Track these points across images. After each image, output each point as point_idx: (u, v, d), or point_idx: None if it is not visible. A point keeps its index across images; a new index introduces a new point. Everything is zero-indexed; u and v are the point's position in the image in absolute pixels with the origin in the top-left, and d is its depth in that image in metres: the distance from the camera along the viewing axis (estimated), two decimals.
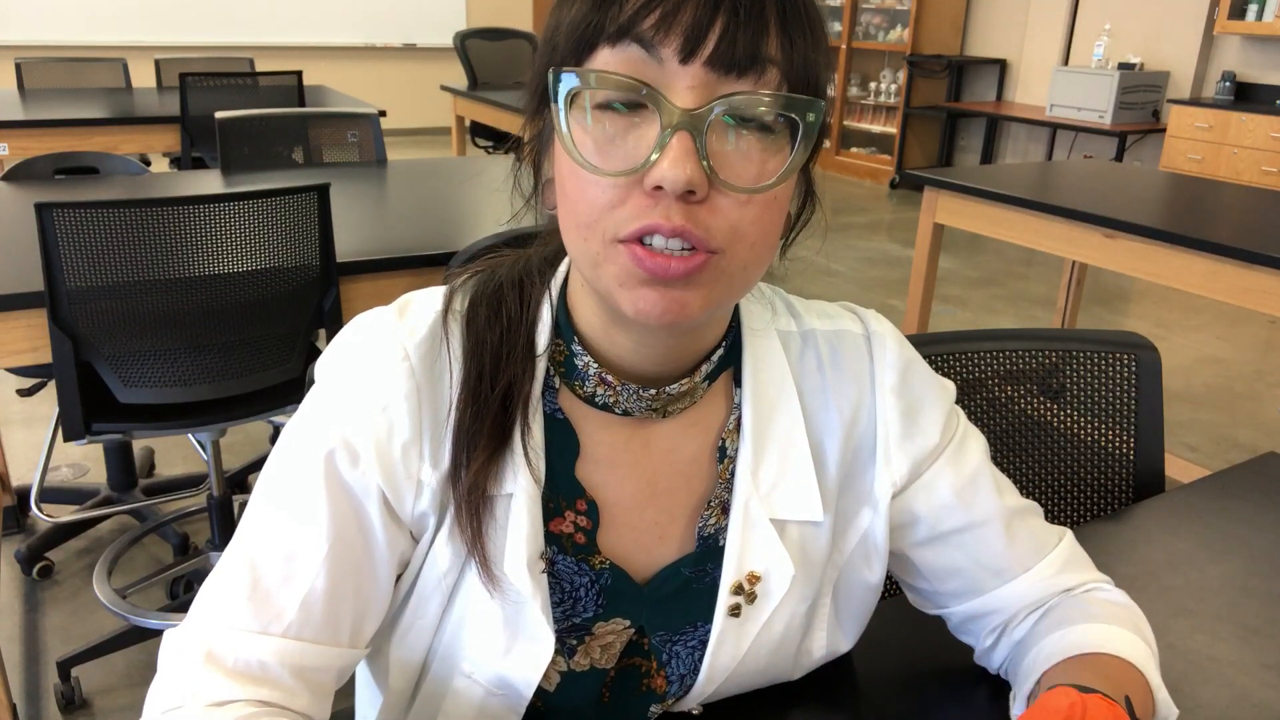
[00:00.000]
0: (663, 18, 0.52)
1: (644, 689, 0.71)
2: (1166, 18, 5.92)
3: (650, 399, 0.66)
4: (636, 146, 0.54)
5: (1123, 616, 0.72)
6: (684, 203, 0.53)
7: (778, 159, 0.55)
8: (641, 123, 0.54)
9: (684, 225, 0.53)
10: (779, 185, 0.55)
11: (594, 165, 0.54)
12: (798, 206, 0.65)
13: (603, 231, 0.55)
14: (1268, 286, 2.16)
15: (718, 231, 0.54)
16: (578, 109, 0.55)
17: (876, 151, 7.65)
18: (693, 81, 0.53)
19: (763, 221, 0.56)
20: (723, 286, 0.57)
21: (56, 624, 2.08)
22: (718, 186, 0.54)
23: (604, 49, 0.54)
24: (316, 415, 0.64)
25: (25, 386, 2.50)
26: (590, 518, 0.67)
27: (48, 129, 3.45)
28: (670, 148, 0.52)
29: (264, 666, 0.59)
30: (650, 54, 0.53)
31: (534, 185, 0.65)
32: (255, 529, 0.62)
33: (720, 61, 0.53)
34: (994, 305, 4.58)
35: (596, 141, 0.55)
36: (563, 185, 0.58)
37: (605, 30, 0.54)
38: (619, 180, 0.54)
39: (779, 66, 0.54)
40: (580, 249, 0.58)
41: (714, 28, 0.52)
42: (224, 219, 1.63)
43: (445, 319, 0.65)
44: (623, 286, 0.56)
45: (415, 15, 8.55)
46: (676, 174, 0.52)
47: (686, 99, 0.53)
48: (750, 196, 0.54)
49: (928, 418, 0.71)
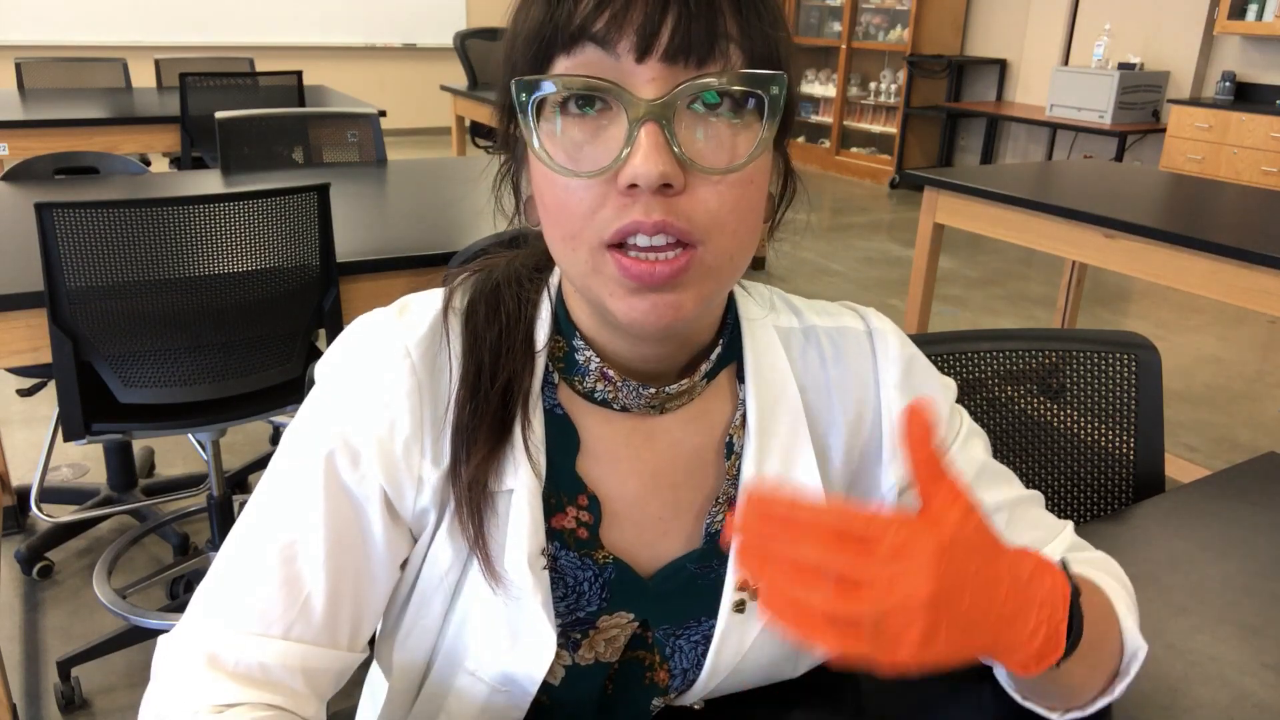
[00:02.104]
0: (613, 17, 0.53)
1: (647, 682, 0.71)
2: (1166, 18, 5.92)
3: (650, 397, 0.66)
4: (607, 146, 0.54)
5: (1098, 564, 0.73)
6: (661, 196, 0.53)
7: (747, 137, 0.55)
8: (609, 123, 0.54)
9: (664, 219, 0.53)
10: (753, 162, 0.55)
11: (568, 169, 0.55)
12: (779, 187, 0.65)
13: (587, 239, 0.55)
14: (1268, 286, 2.16)
15: (698, 221, 0.54)
16: (545, 118, 0.55)
17: (876, 151, 7.65)
18: (653, 74, 0.53)
19: (741, 206, 0.56)
20: (711, 281, 0.57)
21: (56, 624, 2.08)
22: (693, 173, 0.54)
23: (561, 56, 0.55)
24: (317, 415, 0.64)
25: (25, 386, 2.50)
26: (592, 513, 0.67)
27: (48, 129, 3.45)
28: (640, 142, 0.52)
29: (265, 669, 0.59)
30: (607, 51, 0.53)
31: (515, 204, 0.65)
32: (255, 531, 0.62)
33: (678, 53, 0.53)
34: (994, 305, 4.58)
35: (566, 148, 0.55)
36: (542, 199, 0.58)
37: (560, 36, 0.54)
38: (595, 182, 0.54)
39: (738, 44, 0.54)
40: (568, 260, 0.58)
41: (666, 21, 0.52)
42: (224, 219, 1.63)
43: (445, 316, 0.66)
44: (613, 296, 0.56)
45: (415, 15, 8.55)
46: (649, 168, 0.52)
47: (649, 91, 0.53)
48: (726, 178, 0.54)
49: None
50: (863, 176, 7.60)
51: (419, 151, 7.38)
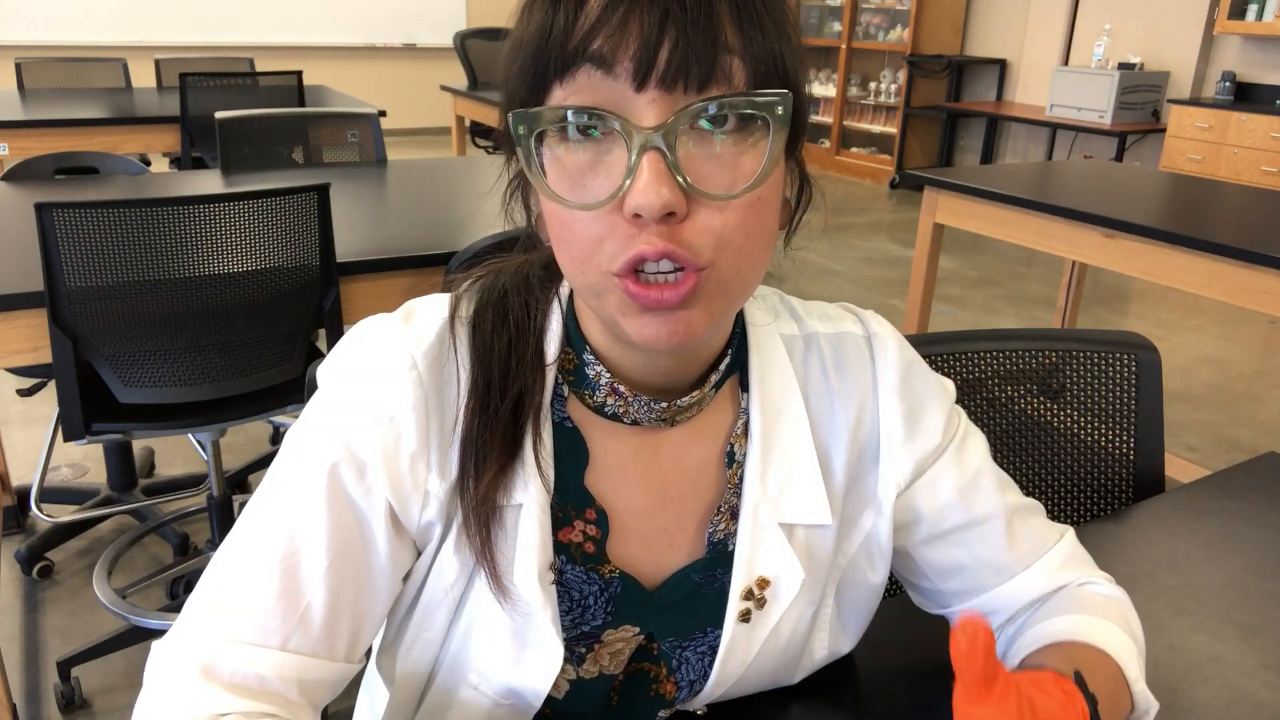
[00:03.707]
0: (609, 37, 0.51)
1: (653, 694, 0.71)
2: (1166, 18, 5.92)
3: (661, 411, 0.65)
4: (609, 174, 0.53)
5: (1110, 610, 0.72)
6: (666, 224, 0.52)
7: (754, 156, 0.53)
8: (612, 146, 0.53)
9: (668, 247, 0.52)
10: (760, 185, 0.54)
11: (572, 202, 0.54)
12: (795, 194, 0.63)
13: (596, 265, 0.55)
14: (1268, 286, 2.16)
15: (703, 246, 0.53)
16: (547, 146, 0.55)
17: (876, 151, 7.65)
18: (653, 99, 0.51)
19: (749, 224, 0.54)
20: (722, 299, 0.56)
21: (56, 624, 2.08)
22: (697, 199, 0.52)
23: (558, 83, 0.53)
24: (321, 425, 0.62)
25: (25, 386, 2.50)
26: (600, 527, 0.67)
27: (48, 129, 3.45)
28: (641, 171, 0.51)
29: (261, 680, 0.58)
30: (605, 73, 0.52)
31: (527, 220, 0.65)
32: (254, 539, 0.61)
33: (677, 76, 0.51)
34: (994, 305, 4.58)
35: (570, 177, 0.54)
36: (550, 224, 0.58)
37: (556, 60, 0.53)
38: (600, 211, 0.53)
39: (741, 60, 0.52)
40: (580, 281, 0.57)
41: (664, 43, 0.50)
42: (224, 219, 1.63)
43: (452, 325, 0.65)
44: (625, 316, 0.56)
45: (415, 15, 8.55)
46: (651, 199, 0.50)
47: (648, 116, 0.51)
48: (731, 202, 0.53)
49: (930, 418, 0.71)
50: (863, 176, 7.60)
51: (419, 151, 7.38)
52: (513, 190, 0.65)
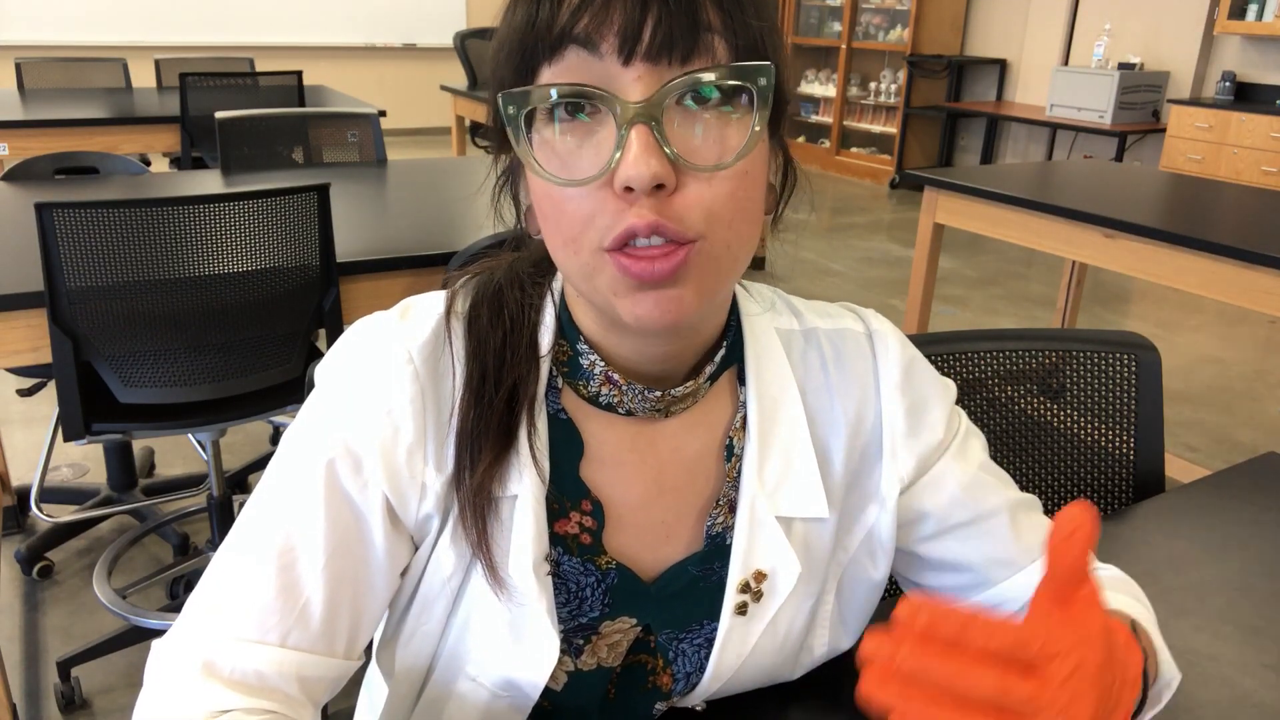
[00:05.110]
0: (593, 18, 0.53)
1: (650, 686, 0.71)
2: (1166, 18, 5.92)
3: (655, 400, 0.66)
4: (599, 150, 0.54)
5: (1123, 587, 0.73)
6: (656, 197, 0.53)
7: (739, 129, 0.55)
8: (599, 126, 0.54)
9: (657, 220, 0.53)
10: (745, 156, 0.55)
11: (562, 178, 0.55)
12: (780, 178, 0.65)
13: (587, 244, 0.56)
14: (1268, 286, 2.16)
15: (693, 219, 0.54)
16: (536, 129, 0.56)
17: (876, 151, 7.65)
18: (638, 74, 0.53)
19: (737, 197, 0.56)
20: (712, 274, 0.57)
21: (56, 624, 2.08)
22: (685, 171, 0.54)
23: (545, 65, 0.55)
24: (318, 421, 0.63)
25: (25, 386, 2.50)
26: (595, 518, 0.67)
27: (48, 129, 3.45)
28: (630, 144, 0.52)
29: (262, 676, 0.59)
30: (591, 53, 0.53)
31: (516, 215, 0.65)
32: (253, 536, 0.61)
33: (661, 51, 0.53)
34: (994, 305, 4.58)
35: (560, 156, 0.55)
36: (540, 208, 0.58)
37: (543, 43, 0.54)
38: (591, 187, 0.54)
39: (722, 37, 0.54)
40: (570, 265, 0.58)
41: (648, 21, 0.52)
42: (224, 219, 1.63)
43: (448, 320, 0.65)
44: (617, 295, 0.56)
45: (415, 15, 8.55)
46: (640, 171, 0.52)
47: (635, 92, 0.53)
48: (720, 172, 0.54)
49: (932, 414, 0.72)
50: (863, 176, 7.60)
51: (419, 151, 7.38)
52: (501, 186, 0.65)
